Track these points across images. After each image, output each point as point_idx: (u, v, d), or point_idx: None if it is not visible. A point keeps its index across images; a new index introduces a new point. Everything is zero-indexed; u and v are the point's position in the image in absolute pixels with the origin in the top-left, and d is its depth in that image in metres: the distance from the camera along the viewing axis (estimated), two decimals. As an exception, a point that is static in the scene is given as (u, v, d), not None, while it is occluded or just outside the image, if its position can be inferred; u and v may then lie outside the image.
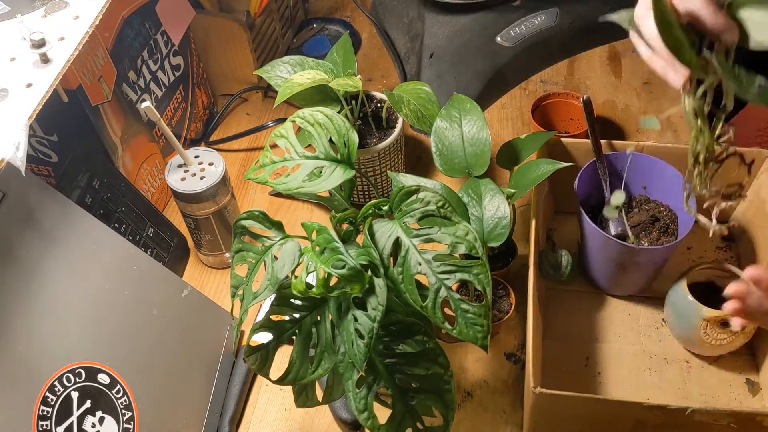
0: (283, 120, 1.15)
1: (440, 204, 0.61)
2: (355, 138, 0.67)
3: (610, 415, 0.72)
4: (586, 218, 0.84)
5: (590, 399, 0.69)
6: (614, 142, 0.91)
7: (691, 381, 0.83)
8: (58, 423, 0.64)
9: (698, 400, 0.81)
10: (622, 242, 0.82)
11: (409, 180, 0.77)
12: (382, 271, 0.61)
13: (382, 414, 0.64)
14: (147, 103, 0.83)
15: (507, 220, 0.77)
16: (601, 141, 0.91)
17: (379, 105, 1.00)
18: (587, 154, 0.91)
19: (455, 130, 0.84)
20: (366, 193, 1.03)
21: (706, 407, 0.66)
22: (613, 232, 0.87)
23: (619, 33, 1.16)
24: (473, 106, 0.85)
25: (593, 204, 0.90)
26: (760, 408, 0.80)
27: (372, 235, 0.63)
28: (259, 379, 0.88)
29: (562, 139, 0.92)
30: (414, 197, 0.62)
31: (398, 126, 0.96)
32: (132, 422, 0.71)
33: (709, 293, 0.81)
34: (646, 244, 0.86)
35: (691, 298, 0.80)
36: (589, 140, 0.91)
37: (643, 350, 0.86)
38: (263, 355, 0.66)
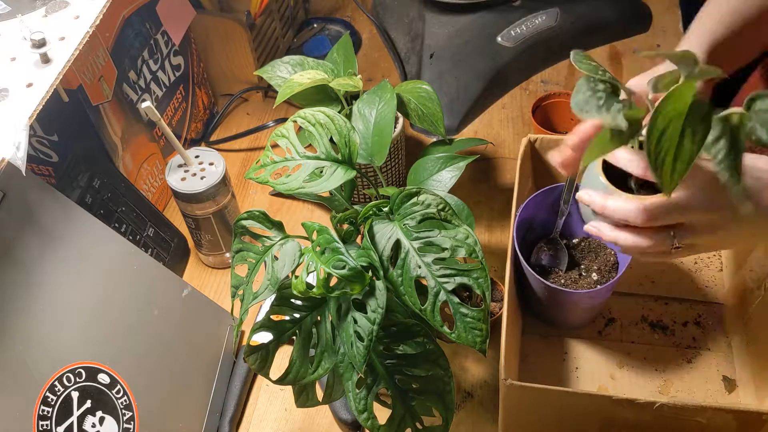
0: (283, 120, 1.15)
1: (440, 207, 0.61)
2: (356, 138, 0.67)
3: (579, 410, 0.71)
4: (516, 247, 0.79)
5: (559, 392, 0.69)
6: None
7: (669, 378, 0.83)
8: (59, 423, 0.64)
9: (672, 397, 0.81)
10: (545, 281, 0.78)
11: None
12: (381, 273, 0.61)
13: (382, 414, 0.64)
14: (147, 103, 0.83)
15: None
16: None
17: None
18: None
19: (370, 117, 0.84)
20: (366, 193, 1.03)
21: (674, 402, 0.65)
22: (545, 261, 0.85)
23: (619, 33, 1.17)
24: (392, 97, 0.84)
25: (550, 229, 0.86)
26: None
27: (372, 236, 0.63)
28: (259, 379, 0.88)
29: (548, 137, 0.88)
30: (414, 200, 0.62)
31: (398, 125, 0.96)
32: (132, 422, 0.71)
33: (626, 179, 0.63)
34: (592, 278, 0.82)
35: (603, 178, 0.62)
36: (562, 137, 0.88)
37: (621, 346, 0.87)
38: (263, 355, 0.66)
